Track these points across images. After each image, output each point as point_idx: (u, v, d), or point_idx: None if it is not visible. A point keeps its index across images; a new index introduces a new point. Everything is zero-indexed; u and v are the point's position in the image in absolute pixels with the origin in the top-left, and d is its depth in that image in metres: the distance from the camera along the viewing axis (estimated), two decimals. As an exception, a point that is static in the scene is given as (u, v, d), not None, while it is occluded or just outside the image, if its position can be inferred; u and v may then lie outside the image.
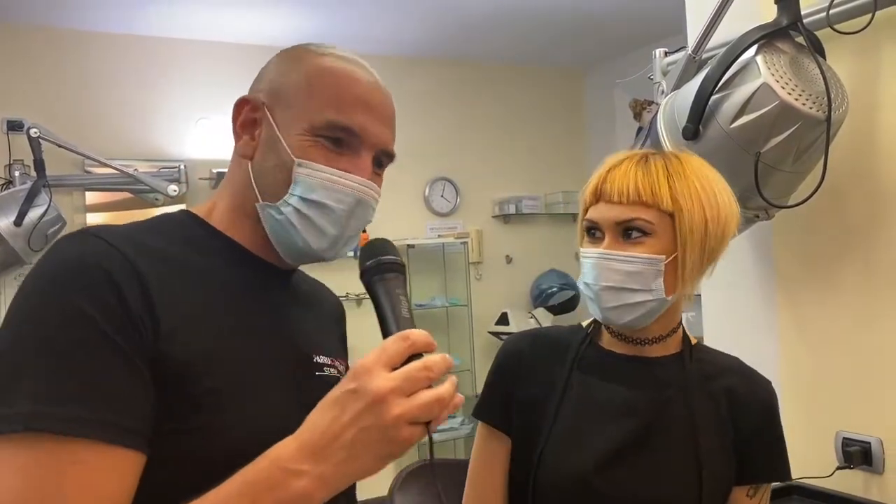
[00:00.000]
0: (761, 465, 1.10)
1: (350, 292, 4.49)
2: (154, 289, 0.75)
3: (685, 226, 1.04)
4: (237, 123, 0.89)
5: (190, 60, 4.14)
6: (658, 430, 1.07)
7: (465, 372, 4.64)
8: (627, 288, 1.04)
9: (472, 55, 4.76)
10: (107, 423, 0.68)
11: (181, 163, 4.06)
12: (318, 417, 0.70)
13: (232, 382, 0.77)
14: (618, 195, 1.04)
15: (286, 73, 0.89)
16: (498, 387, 1.18)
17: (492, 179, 4.94)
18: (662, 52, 2.14)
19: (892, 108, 1.61)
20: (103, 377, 0.69)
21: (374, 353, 0.69)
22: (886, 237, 1.64)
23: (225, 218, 0.89)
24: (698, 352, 1.16)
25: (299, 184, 0.83)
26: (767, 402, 1.13)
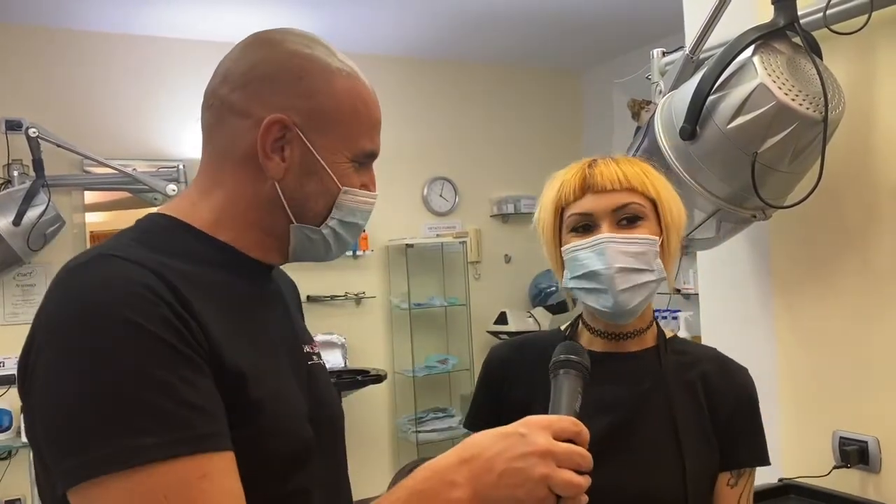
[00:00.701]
0: (740, 450, 1.12)
1: (349, 292, 4.50)
2: (192, 306, 0.76)
3: (667, 212, 1.11)
4: (268, 144, 0.85)
5: (188, 60, 4.14)
6: (639, 422, 1.10)
7: (463, 371, 4.65)
8: (637, 268, 1.08)
9: (470, 55, 4.77)
10: (217, 433, 0.73)
11: (180, 162, 4.07)
12: (487, 443, 0.78)
13: (271, 391, 0.81)
14: (610, 183, 1.09)
15: (314, 93, 0.86)
16: (485, 396, 1.22)
17: (490, 179, 4.94)
18: (660, 52, 2.15)
19: (889, 108, 1.62)
20: (198, 390, 0.73)
21: (551, 419, 0.81)
22: (883, 237, 1.65)
23: (218, 224, 0.87)
24: (673, 344, 1.18)
25: (341, 209, 0.89)
26: (742, 388, 1.15)
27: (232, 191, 0.88)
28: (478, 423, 1.19)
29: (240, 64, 0.88)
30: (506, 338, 4.61)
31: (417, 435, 4.41)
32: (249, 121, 0.85)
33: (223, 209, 0.88)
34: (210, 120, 0.90)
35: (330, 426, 0.93)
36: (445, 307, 4.67)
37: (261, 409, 0.79)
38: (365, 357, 4.49)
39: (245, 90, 0.86)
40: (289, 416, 0.84)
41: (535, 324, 4.63)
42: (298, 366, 0.90)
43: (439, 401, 4.69)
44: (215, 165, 0.89)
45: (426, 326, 4.65)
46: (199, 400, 0.72)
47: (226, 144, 0.88)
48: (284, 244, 0.91)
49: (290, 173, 0.86)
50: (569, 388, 0.89)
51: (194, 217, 0.88)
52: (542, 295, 4.79)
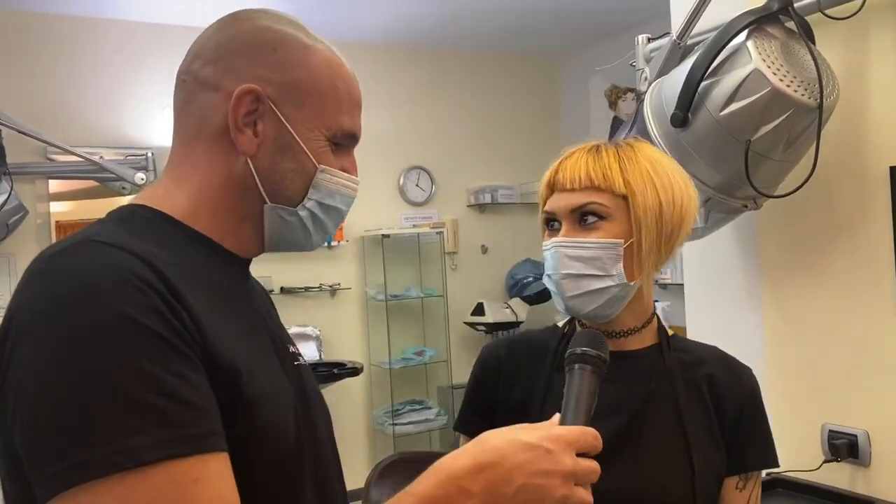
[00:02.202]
0: (747, 454, 1.08)
1: (324, 283, 4.42)
2: (183, 296, 0.71)
3: (639, 208, 1.03)
4: (239, 116, 0.80)
5: (159, 44, 4.02)
6: (644, 424, 1.05)
7: (440, 363, 4.60)
8: (587, 274, 1.02)
9: (446, 43, 4.70)
10: (211, 433, 0.68)
11: (149, 150, 3.95)
12: (509, 451, 0.74)
13: (264, 388, 0.76)
14: (570, 182, 1.04)
15: (290, 66, 0.82)
16: (479, 397, 1.16)
17: (467, 168, 4.88)
18: (645, 38, 2.10)
19: (881, 95, 1.59)
20: (192, 386, 0.67)
21: (577, 433, 0.78)
22: (873, 226, 1.62)
23: (196, 213, 0.82)
24: (675, 342, 1.13)
25: (319, 189, 0.84)
26: (749, 389, 1.11)
27: (205, 173, 0.82)
28: (471, 425, 1.13)
29: (212, 39, 0.83)
30: (483, 329, 4.61)
31: (394, 427, 4.36)
32: (220, 94, 0.80)
33: (199, 194, 0.82)
34: (181, 98, 0.84)
35: (320, 425, 0.88)
36: (422, 298, 4.61)
37: (255, 406, 0.74)
38: (340, 349, 4.42)
39: (217, 64, 0.82)
40: (282, 414, 0.79)
41: (511, 314, 4.59)
42: (285, 365, 0.85)
43: (416, 393, 4.64)
44: (187, 147, 0.83)
45: (402, 318, 4.59)
46: (193, 397, 0.67)
47: (197, 122, 0.82)
48: (259, 232, 0.85)
49: (264, 149, 0.81)
50: (587, 388, 0.85)
51: (170, 205, 0.82)
52: (519, 286, 4.76)
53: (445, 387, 4.60)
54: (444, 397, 4.61)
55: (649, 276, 1.05)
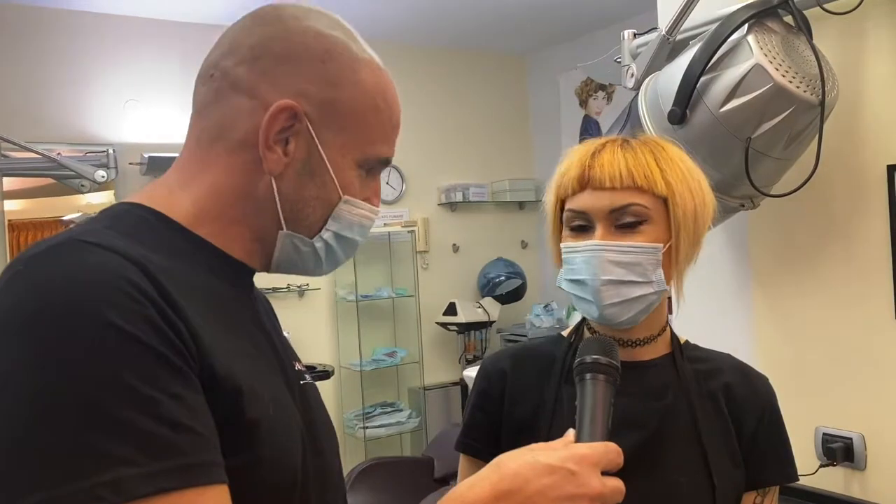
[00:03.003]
0: (766, 468, 1.03)
1: (292, 284, 4.32)
2: (180, 306, 0.63)
3: (679, 211, 0.98)
4: (272, 132, 0.72)
5: (119, 38, 3.87)
6: (663, 440, 0.99)
7: (412, 364, 4.52)
8: (628, 281, 0.96)
9: (416, 39, 4.62)
10: (210, 462, 0.60)
11: (109, 147, 3.79)
12: (530, 475, 0.69)
13: (268, 411, 0.68)
14: (609, 180, 0.96)
15: (337, 82, 0.74)
16: (483, 415, 1.08)
17: (437, 166, 4.81)
18: (631, 33, 2.04)
19: (877, 92, 1.56)
20: (189, 409, 0.60)
21: (601, 451, 0.73)
22: (869, 228, 1.59)
23: (200, 220, 0.74)
24: (688, 350, 1.08)
25: (339, 220, 0.78)
26: (767, 399, 1.07)
27: (219, 179, 0.74)
28: (476, 444, 1.07)
29: (251, 35, 0.75)
30: (455, 329, 4.55)
31: (365, 431, 4.27)
32: (254, 102, 0.73)
33: (206, 200, 0.74)
34: (206, 95, 0.76)
35: (328, 451, 0.81)
36: (393, 298, 4.53)
37: (258, 430, 0.66)
38: (309, 351, 4.31)
39: (254, 65, 0.73)
40: (288, 439, 0.71)
41: (484, 314, 4.54)
42: (291, 385, 0.77)
43: (387, 395, 4.56)
44: (204, 147, 0.76)
45: (373, 318, 4.50)
46: (190, 420, 0.59)
47: (221, 124, 0.74)
48: (267, 251, 0.78)
49: (290, 171, 0.74)
50: (602, 399, 0.79)
51: (172, 208, 0.74)
52: (491, 284, 4.71)
53: (417, 388, 4.53)
54: (416, 399, 4.54)
55: (679, 282, 1.00)
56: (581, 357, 0.82)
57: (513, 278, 4.70)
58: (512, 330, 4.76)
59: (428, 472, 3.20)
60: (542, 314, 4.60)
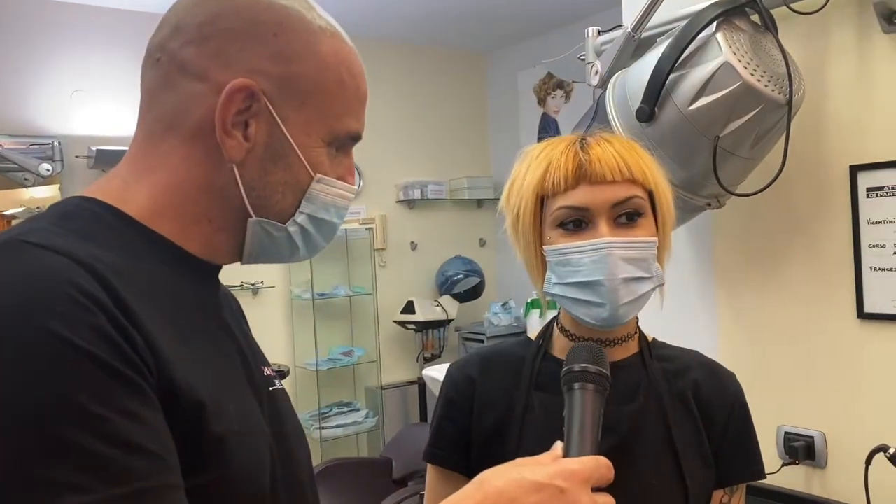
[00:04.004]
0: (736, 465, 1.02)
1: (245, 282, 4.22)
2: (135, 313, 0.57)
3: (664, 203, 0.97)
4: (229, 116, 0.67)
5: (66, 25, 3.73)
6: (635, 442, 0.97)
7: (370, 364, 4.47)
8: (639, 277, 0.93)
9: (374, 32, 4.56)
10: (168, 486, 0.56)
11: (55, 139, 3.66)
12: (517, 493, 0.66)
13: (234, 425, 0.63)
14: (610, 173, 0.92)
15: (292, 55, 0.69)
16: (450, 423, 1.04)
17: (395, 163, 4.77)
18: (595, 30, 2.03)
19: (840, 92, 1.57)
20: (145, 427, 0.55)
21: (591, 466, 0.70)
22: (831, 227, 1.60)
23: (158, 215, 0.69)
24: (656, 349, 1.06)
25: (313, 201, 0.73)
26: (736, 397, 1.05)
27: (176, 172, 0.69)
28: (445, 454, 1.03)
29: (198, 13, 0.69)
30: (413, 327, 4.51)
31: (321, 431, 4.20)
32: (206, 85, 0.67)
33: (164, 194, 0.69)
34: (153, 80, 0.70)
35: (300, 463, 0.76)
36: (350, 297, 4.47)
37: (222, 447, 0.61)
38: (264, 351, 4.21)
39: (203, 46, 0.68)
40: (255, 455, 0.66)
41: (442, 312, 4.51)
42: (259, 392, 0.72)
43: (344, 395, 4.50)
44: (156, 138, 0.70)
45: (330, 317, 4.43)
46: (146, 441, 0.54)
47: (173, 113, 0.69)
48: (237, 242, 0.72)
49: (253, 156, 0.69)
50: (591, 410, 0.76)
51: (127, 202, 0.68)
52: (449, 283, 4.68)
53: (374, 387, 4.48)
54: (373, 398, 4.49)
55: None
56: (569, 366, 0.79)
57: (471, 276, 4.68)
58: (470, 328, 4.74)
59: (386, 472, 3.16)
60: (500, 312, 4.59)
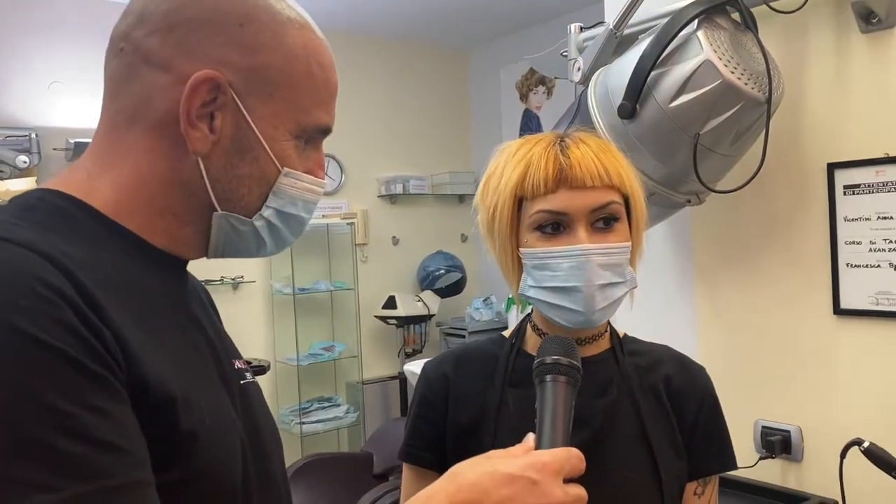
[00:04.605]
0: (707, 458, 1.03)
1: (226, 276, 4.20)
2: (103, 307, 0.57)
3: (638, 207, 0.98)
4: (194, 108, 0.66)
5: (43, 16, 3.67)
6: (609, 435, 0.98)
7: (351, 359, 4.46)
8: (614, 282, 0.94)
9: (357, 27, 4.54)
10: (138, 482, 0.55)
11: (32, 131, 3.61)
12: (489, 486, 0.65)
13: (205, 420, 0.63)
14: (590, 178, 0.92)
15: (259, 46, 0.67)
16: (425, 421, 1.04)
17: (377, 158, 4.75)
18: (578, 27, 2.04)
19: (818, 91, 1.59)
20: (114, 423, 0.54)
21: (563, 458, 0.70)
22: (809, 224, 1.62)
23: (123, 209, 0.68)
24: (628, 344, 1.07)
25: (280, 196, 0.71)
26: (706, 390, 1.07)
27: (140, 164, 0.68)
28: (420, 452, 1.03)
29: (162, 2, 0.67)
30: (394, 322, 4.50)
31: (301, 426, 4.19)
32: (171, 76, 0.66)
33: (128, 187, 0.68)
34: (117, 70, 0.69)
35: (273, 458, 0.75)
36: (332, 291, 4.46)
37: (194, 442, 0.61)
38: (243, 346, 4.10)
39: (168, 36, 0.67)
40: (227, 450, 0.66)
41: (424, 307, 4.51)
42: (230, 386, 0.71)
43: (325, 390, 4.49)
44: (120, 129, 0.69)
45: (311, 312, 4.42)
46: (115, 437, 0.54)
47: (136, 104, 0.68)
48: (203, 236, 0.72)
49: (219, 149, 0.68)
50: (563, 402, 0.76)
51: (92, 195, 0.67)
52: (431, 278, 4.68)
53: (355, 382, 4.47)
54: (354, 393, 4.48)
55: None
56: (541, 358, 0.79)
57: (452, 272, 4.68)
58: (451, 323, 4.74)
59: (367, 467, 3.15)
60: (481, 307, 4.60)
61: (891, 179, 1.48)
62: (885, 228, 1.50)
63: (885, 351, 1.52)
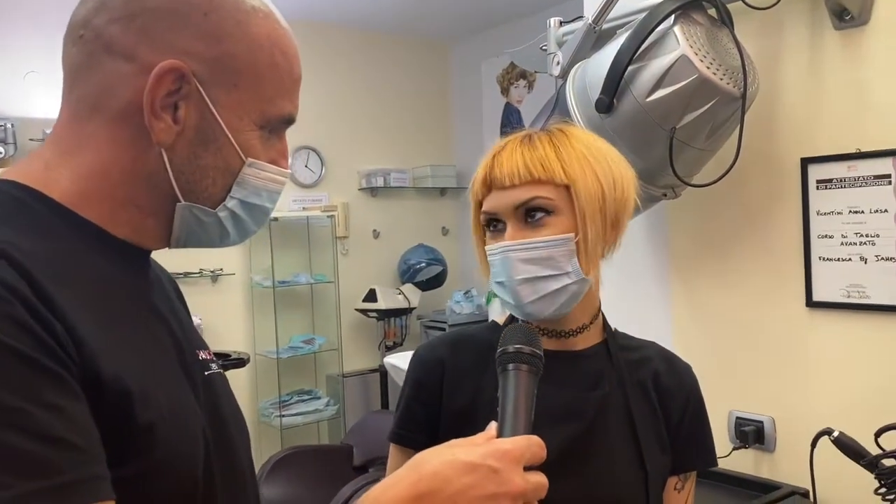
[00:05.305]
0: (690, 454, 1.05)
1: (205, 268, 4.18)
2: (55, 300, 0.56)
3: (582, 197, 0.96)
4: (158, 98, 0.65)
5: (18, 6, 3.62)
6: (599, 431, 0.99)
7: (332, 352, 4.46)
8: (542, 276, 0.95)
9: (337, 18, 4.52)
10: (92, 478, 0.54)
11: (8, 121, 3.56)
12: (450, 475, 0.65)
13: (164, 412, 0.62)
14: (509, 178, 0.95)
15: (223, 36, 0.67)
16: (418, 405, 1.05)
17: (358, 150, 4.74)
18: (557, 21, 2.05)
19: (793, 86, 1.61)
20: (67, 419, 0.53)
21: (523, 445, 0.69)
22: (783, 218, 1.65)
23: (82, 199, 0.67)
24: (618, 338, 1.08)
25: (244, 186, 0.71)
26: (692, 389, 1.08)
27: (101, 155, 0.67)
28: (413, 436, 1.03)
29: None
30: (375, 316, 4.50)
31: (281, 419, 4.19)
32: (133, 65, 0.65)
33: (89, 179, 0.67)
34: (77, 58, 0.68)
35: (238, 449, 0.75)
36: (312, 284, 4.45)
37: (151, 436, 0.60)
38: (222, 339, 4.18)
39: (130, 24, 0.66)
40: (187, 442, 0.65)
41: (404, 301, 4.51)
42: (194, 377, 0.71)
43: (305, 383, 4.48)
44: (81, 119, 0.68)
45: (291, 305, 4.40)
46: (68, 433, 0.53)
47: (98, 93, 0.67)
48: (166, 227, 0.71)
49: (183, 139, 0.67)
50: (525, 391, 0.76)
51: (50, 185, 0.66)
52: (412, 271, 4.68)
53: (335, 375, 4.47)
54: (334, 386, 4.48)
55: (598, 267, 0.99)
56: (503, 346, 0.80)
57: (433, 265, 4.68)
58: (432, 317, 4.75)
59: (347, 459, 3.16)
60: (462, 301, 4.61)
61: (862, 174, 1.51)
62: (857, 223, 1.52)
63: (855, 343, 1.55)
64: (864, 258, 1.52)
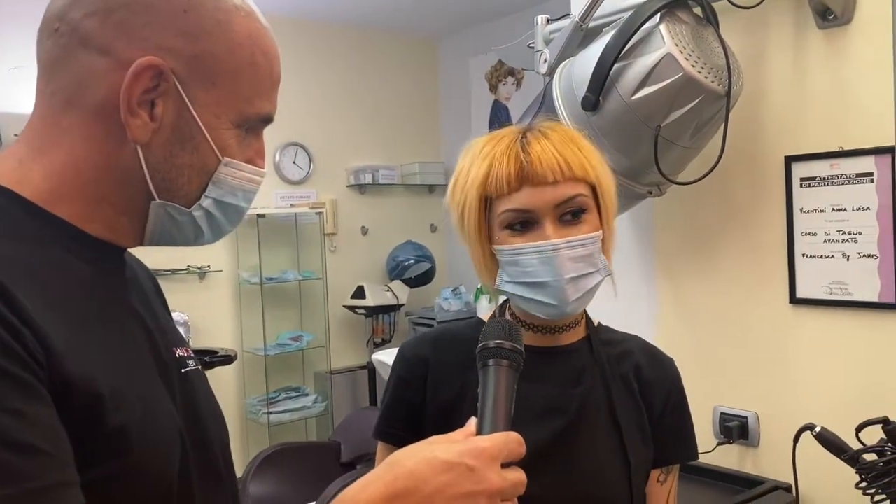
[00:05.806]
0: (672, 447, 1.06)
1: (192, 265, 4.16)
2: (20, 302, 0.55)
3: (607, 196, 0.99)
4: (135, 95, 0.64)
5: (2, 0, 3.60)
6: (583, 426, 1.00)
7: (319, 349, 4.45)
8: (586, 273, 0.95)
9: (326, 15, 4.51)
10: (59, 484, 0.54)
11: (-9, 117, 3.54)
12: (426, 475, 0.64)
13: (137, 415, 0.61)
14: (552, 174, 0.93)
15: (203, 34, 0.66)
16: (402, 402, 1.05)
17: (346, 147, 4.73)
18: (545, 18, 2.05)
19: (777, 85, 1.63)
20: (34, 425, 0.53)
21: (500, 443, 0.68)
22: (767, 216, 1.66)
23: (54, 197, 0.66)
24: (601, 333, 1.09)
25: (220, 185, 0.70)
26: (674, 382, 1.09)
27: (75, 151, 0.66)
28: (398, 433, 1.04)
29: None
30: (363, 312, 4.50)
31: (269, 416, 4.18)
32: (110, 60, 0.64)
33: (62, 175, 0.66)
34: (53, 52, 0.66)
35: (214, 444, 0.74)
36: (300, 281, 4.44)
37: (124, 439, 0.60)
38: (210, 336, 4.17)
39: (107, 18, 0.64)
40: (162, 443, 0.64)
41: (393, 297, 4.51)
42: (169, 375, 0.70)
43: (292, 380, 4.48)
44: (56, 115, 0.67)
45: (278, 302, 4.40)
46: (36, 439, 0.53)
47: (73, 88, 0.66)
48: (139, 225, 0.70)
49: (159, 137, 0.66)
50: (505, 387, 0.76)
51: (22, 183, 0.65)
52: (400, 268, 4.68)
53: (323, 372, 4.47)
54: (322, 383, 4.48)
55: (611, 264, 1.00)
56: (484, 342, 0.79)
57: (422, 262, 4.68)
58: (421, 313, 4.76)
59: (334, 456, 3.16)
60: (450, 298, 4.62)
61: (845, 172, 1.52)
62: (839, 220, 1.54)
63: (838, 339, 1.57)
64: (847, 255, 1.53)
